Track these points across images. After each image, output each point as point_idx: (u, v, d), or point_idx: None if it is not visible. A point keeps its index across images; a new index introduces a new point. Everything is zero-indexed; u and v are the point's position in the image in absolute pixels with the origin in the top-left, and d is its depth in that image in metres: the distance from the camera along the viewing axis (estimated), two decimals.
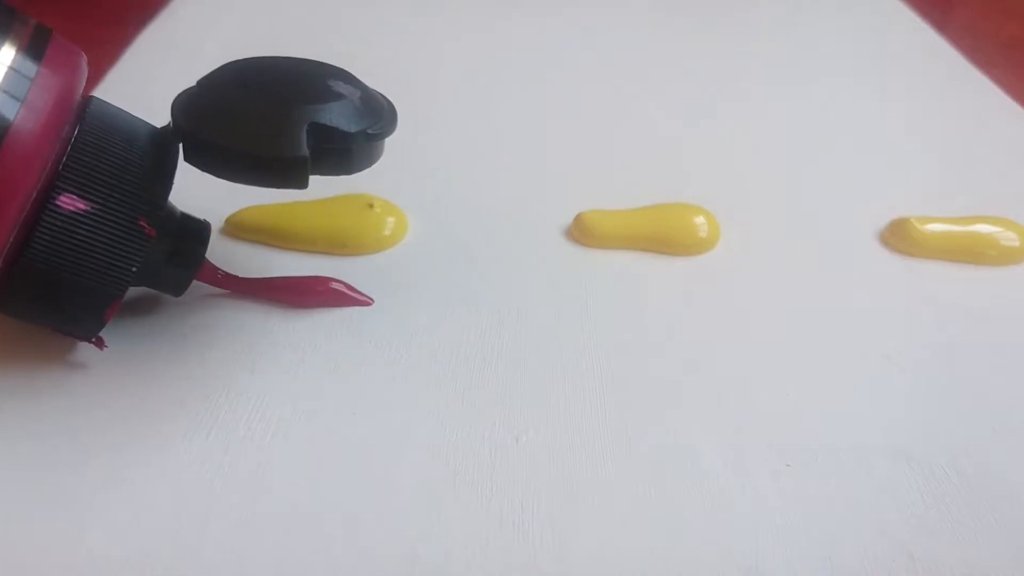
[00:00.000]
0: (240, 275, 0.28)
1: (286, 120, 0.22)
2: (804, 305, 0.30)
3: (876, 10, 0.56)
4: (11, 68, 0.20)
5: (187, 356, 0.26)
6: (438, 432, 0.24)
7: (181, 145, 0.23)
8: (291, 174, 0.22)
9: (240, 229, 0.31)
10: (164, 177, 0.23)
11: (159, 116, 0.25)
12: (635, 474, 0.23)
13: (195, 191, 0.26)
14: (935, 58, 0.50)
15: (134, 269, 0.23)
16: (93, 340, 0.25)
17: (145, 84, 0.25)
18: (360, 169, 0.24)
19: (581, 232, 0.32)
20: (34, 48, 0.21)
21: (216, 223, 0.31)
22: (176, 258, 0.26)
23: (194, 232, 0.26)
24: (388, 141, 0.25)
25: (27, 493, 0.22)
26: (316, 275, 0.29)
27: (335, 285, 0.29)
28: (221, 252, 0.30)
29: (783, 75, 0.47)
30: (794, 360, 0.27)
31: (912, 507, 0.23)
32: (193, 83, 0.24)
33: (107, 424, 0.24)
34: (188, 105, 0.23)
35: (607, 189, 0.35)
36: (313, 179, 0.23)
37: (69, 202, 0.22)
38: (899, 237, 0.33)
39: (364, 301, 0.29)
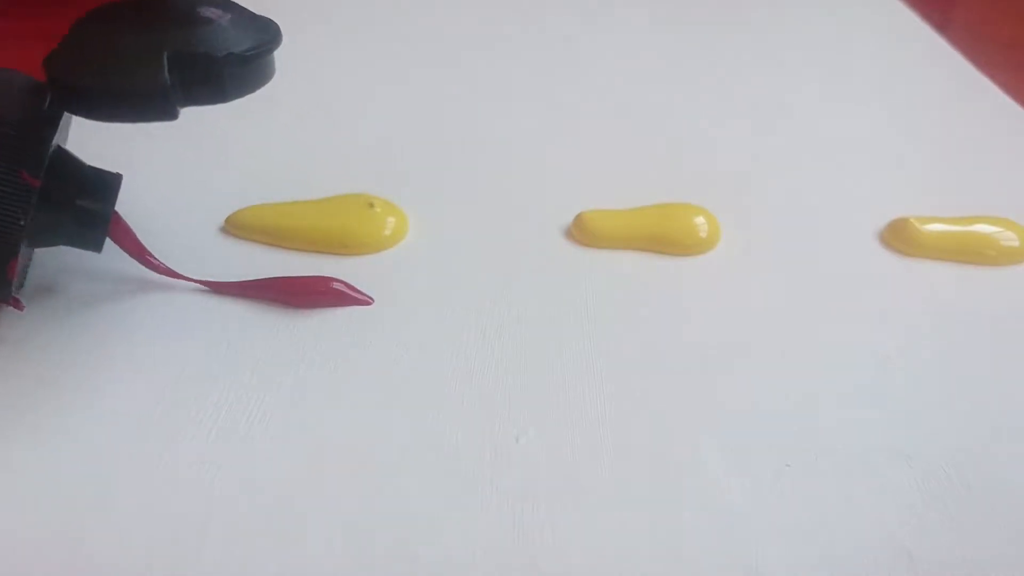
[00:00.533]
0: (242, 276, 0.28)
1: (145, 51, 0.22)
2: (804, 305, 0.30)
3: (876, 10, 0.56)
4: None
5: (187, 357, 0.26)
6: (438, 432, 0.24)
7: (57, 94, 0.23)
8: (156, 105, 0.22)
9: (240, 229, 0.31)
10: (41, 127, 0.23)
11: None
12: (635, 474, 0.23)
13: (195, 192, 0.26)
14: (935, 59, 0.50)
15: (22, 223, 0.22)
16: (10, 302, 0.25)
17: None
18: (241, 94, 0.23)
19: (581, 232, 0.32)
20: None
21: (216, 223, 0.31)
22: (83, 210, 0.25)
23: (100, 183, 0.26)
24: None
25: (30, 496, 0.22)
26: (316, 275, 0.29)
27: (335, 285, 0.29)
28: (221, 252, 0.30)
29: (783, 75, 0.47)
30: (794, 360, 0.27)
31: (912, 507, 0.23)
32: None
33: (106, 424, 0.24)
34: (56, 54, 0.23)
35: (607, 189, 0.35)
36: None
37: None
38: (899, 237, 0.33)
39: (364, 301, 0.29)
